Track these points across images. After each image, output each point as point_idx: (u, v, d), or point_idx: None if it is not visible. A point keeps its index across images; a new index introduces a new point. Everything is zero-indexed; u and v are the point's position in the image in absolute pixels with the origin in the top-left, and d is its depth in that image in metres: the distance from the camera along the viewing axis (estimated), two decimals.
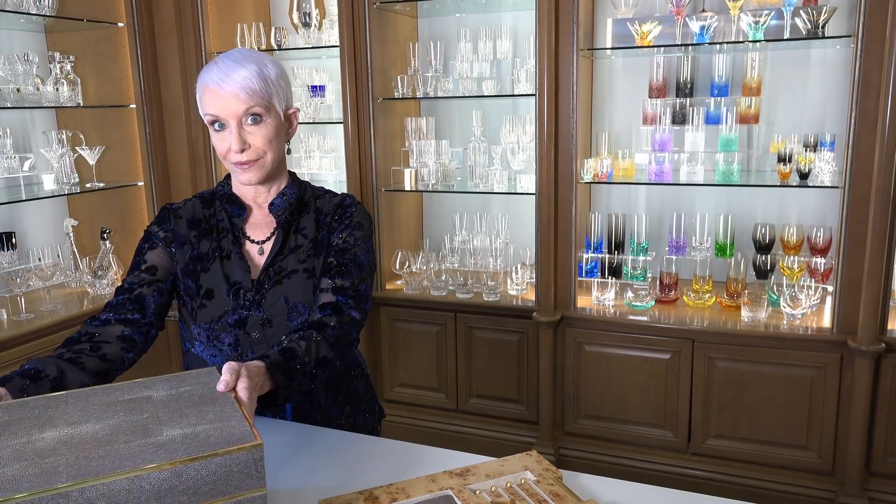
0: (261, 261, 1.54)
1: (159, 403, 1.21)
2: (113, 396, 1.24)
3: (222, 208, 1.56)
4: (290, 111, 1.54)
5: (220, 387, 1.21)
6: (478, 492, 1.23)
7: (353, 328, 1.53)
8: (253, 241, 1.55)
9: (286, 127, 1.54)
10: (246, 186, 1.55)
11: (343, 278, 1.52)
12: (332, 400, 1.63)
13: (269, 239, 1.55)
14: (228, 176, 1.61)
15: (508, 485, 1.26)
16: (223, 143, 1.45)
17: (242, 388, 1.22)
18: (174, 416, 1.16)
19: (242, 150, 1.44)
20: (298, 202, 1.57)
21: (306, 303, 1.51)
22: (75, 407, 1.20)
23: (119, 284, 1.57)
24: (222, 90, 1.41)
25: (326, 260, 1.54)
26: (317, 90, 3.48)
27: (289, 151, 1.61)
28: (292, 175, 1.62)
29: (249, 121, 1.44)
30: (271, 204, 1.55)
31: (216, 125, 1.45)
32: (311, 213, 1.57)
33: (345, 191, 3.30)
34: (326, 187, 1.68)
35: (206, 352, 1.54)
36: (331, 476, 1.37)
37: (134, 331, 1.49)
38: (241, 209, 1.55)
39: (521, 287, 3.23)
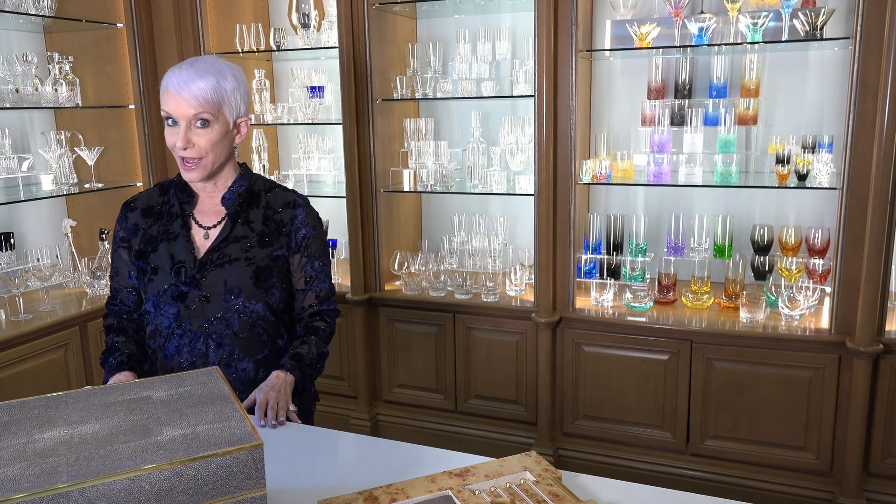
0: (205, 244, 1.72)
1: (159, 404, 1.21)
2: (113, 397, 1.24)
3: (175, 195, 1.76)
4: (241, 120, 1.71)
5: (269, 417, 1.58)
6: (477, 492, 1.23)
7: (335, 318, 1.88)
8: (200, 226, 1.73)
9: (234, 134, 1.72)
10: None
11: (321, 283, 1.82)
12: (265, 376, 1.75)
13: (216, 226, 1.73)
14: None
15: (508, 485, 1.26)
16: (172, 137, 1.63)
17: (272, 399, 1.59)
18: (174, 416, 1.16)
19: (186, 148, 1.63)
20: (248, 193, 1.76)
21: (242, 287, 1.70)
22: (75, 407, 1.20)
23: (110, 283, 1.85)
24: (179, 95, 1.60)
25: (296, 267, 1.78)
26: (316, 91, 3.48)
27: (237, 154, 1.80)
28: (244, 168, 1.81)
29: (198, 124, 1.62)
30: (223, 198, 1.74)
31: (169, 121, 1.64)
32: (260, 208, 1.75)
33: (343, 192, 3.34)
34: (323, 186, 1.75)
35: (155, 324, 1.74)
36: (330, 476, 1.38)
37: (134, 325, 1.82)
38: (190, 196, 1.75)
39: (519, 288, 3.23)
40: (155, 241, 1.71)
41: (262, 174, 3.61)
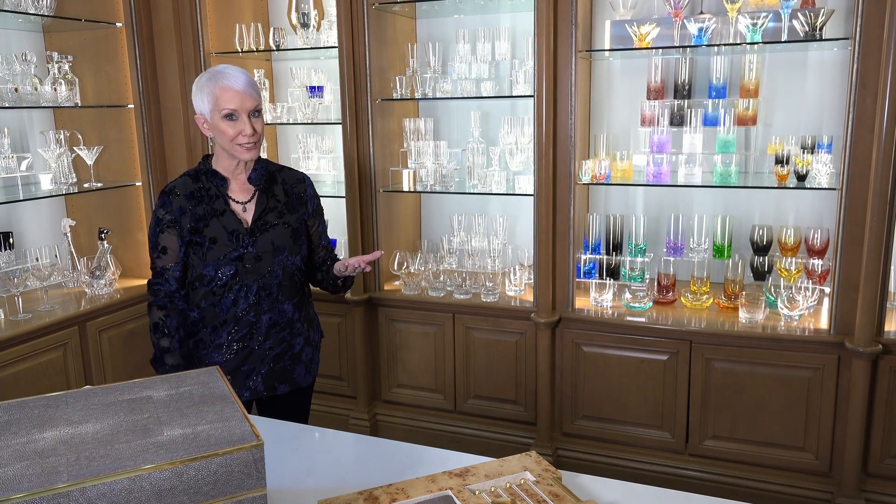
0: (244, 216, 2.09)
1: (159, 403, 1.21)
2: (113, 396, 1.24)
3: (209, 182, 2.09)
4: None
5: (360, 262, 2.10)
6: (477, 492, 1.23)
7: None
8: (237, 202, 2.09)
9: None
10: (226, 164, 2.09)
11: (326, 238, 2.28)
12: (299, 314, 2.19)
13: (249, 200, 2.11)
14: (204, 158, 2.14)
15: (508, 485, 1.26)
16: (235, 129, 1.99)
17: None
18: (174, 415, 1.16)
19: (252, 133, 2.00)
20: (268, 174, 2.14)
21: (285, 245, 2.11)
22: (75, 407, 1.20)
23: (152, 265, 2.09)
24: (244, 91, 1.99)
25: (312, 227, 2.22)
26: (315, 91, 3.48)
27: None
28: None
29: (255, 114, 2.02)
30: (249, 178, 2.11)
31: (231, 117, 1.99)
32: (279, 184, 2.16)
33: (342, 192, 3.34)
34: (323, 186, 1.78)
35: (213, 284, 2.07)
36: (330, 476, 1.38)
37: (175, 306, 2.09)
38: (222, 180, 2.09)
39: (519, 288, 3.23)
40: (205, 218, 2.05)
41: None
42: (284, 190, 2.16)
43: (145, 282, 2.21)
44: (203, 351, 2.09)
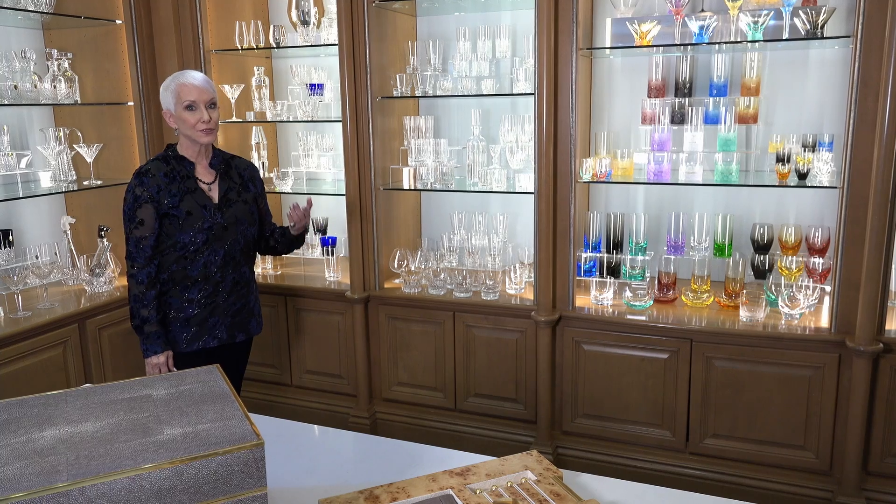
0: (211, 194, 2.51)
1: (159, 402, 1.20)
2: (113, 395, 1.23)
3: (179, 165, 2.48)
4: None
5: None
6: (478, 491, 1.23)
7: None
8: (203, 182, 2.50)
9: None
10: (189, 150, 2.49)
11: (270, 215, 2.78)
12: (252, 275, 2.66)
13: (213, 182, 2.52)
14: (168, 147, 2.52)
15: (509, 484, 1.26)
16: (195, 117, 2.42)
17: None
18: (174, 414, 1.16)
19: (209, 121, 2.43)
20: (224, 161, 2.58)
21: (246, 218, 2.57)
22: (75, 405, 1.19)
23: (129, 235, 2.41)
24: (201, 86, 2.43)
25: (261, 205, 2.70)
26: (315, 88, 3.47)
27: None
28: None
29: (211, 106, 2.45)
30: (210, 163, 2.53)
31: (191, 108, 2.41)
32: (234, 170, 2.61)
33: (342, 190, 3.35)
34: (323, 184, 1.78)
35: (186, 249, 2.45)
36: (331, 475, 1.37)
37: (152, 280, 2.45)
38: (190, 164, 2.49)
39: (519, 286, 3.23)
40: (180, 194, 2.43)
41: (261, 170, 3.65)
42: (238, 174, 2.61)
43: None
44: (175, 305, 2.46)
